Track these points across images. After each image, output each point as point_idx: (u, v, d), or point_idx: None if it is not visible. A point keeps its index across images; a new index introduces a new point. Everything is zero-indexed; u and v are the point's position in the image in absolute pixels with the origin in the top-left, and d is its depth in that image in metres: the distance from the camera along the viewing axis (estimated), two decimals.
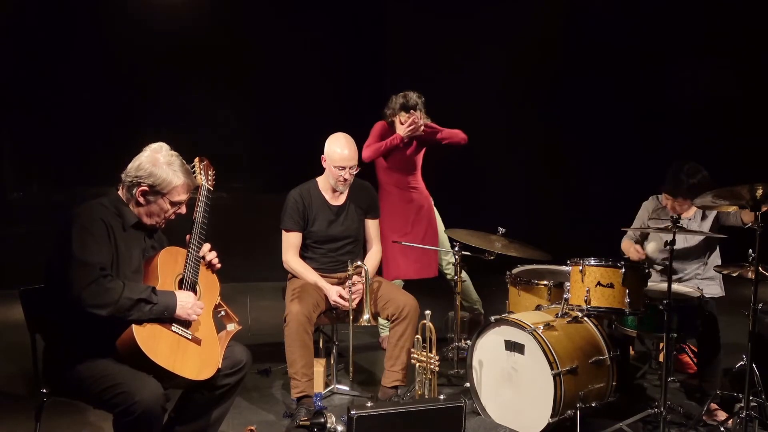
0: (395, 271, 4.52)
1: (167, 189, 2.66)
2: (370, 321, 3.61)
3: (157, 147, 2.71)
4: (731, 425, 3.34)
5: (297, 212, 3.75)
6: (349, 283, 3.62)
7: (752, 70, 7.30)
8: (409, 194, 4.55)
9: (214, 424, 2.84)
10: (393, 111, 4.43)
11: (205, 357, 2.64)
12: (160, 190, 2.65)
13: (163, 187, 2.65)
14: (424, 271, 4.59)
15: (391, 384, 3.67)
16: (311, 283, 3.70)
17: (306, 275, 3.72)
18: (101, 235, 2.55)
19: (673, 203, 3.84)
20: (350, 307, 3.61)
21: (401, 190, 4.53)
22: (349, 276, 3.63)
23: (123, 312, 2.46)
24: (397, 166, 4.50)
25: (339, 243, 3.82)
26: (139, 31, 6.57)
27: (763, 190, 2.95)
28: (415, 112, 4.36)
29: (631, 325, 3.58)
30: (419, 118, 4.35)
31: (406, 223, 4.52)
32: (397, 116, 4.41)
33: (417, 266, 4.55)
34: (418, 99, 4.40)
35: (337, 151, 3.70)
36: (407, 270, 4.54)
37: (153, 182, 2.63)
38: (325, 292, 3.67)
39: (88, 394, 2.51)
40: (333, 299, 3.65)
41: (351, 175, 3.73)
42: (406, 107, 4.37)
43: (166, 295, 2.59)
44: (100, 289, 2.44)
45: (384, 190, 4.55)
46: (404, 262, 4.53)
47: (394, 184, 4.53)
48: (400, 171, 4.51)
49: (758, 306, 3.13)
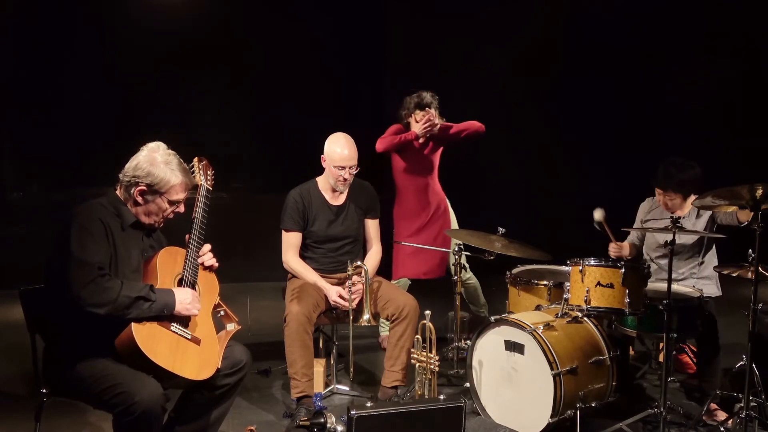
0: (403, 270, 4.53)
1: (165, 188, 2.66)
2: (370, 321, 3.61)
3: (154, 146, 2.71)
4: (731, 425, 3.34)
5: (297, 212, 3.75)
6: (349, 283, 3.62)
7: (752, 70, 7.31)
8: (426, 196, 4.56)
9: (214, 424, 2.84)
10: (408, 111, 4.46)
11: (205, 357, 2.64)
12: (158, 189, 2.65)
13: (161, 186, 2.65)
14: (434, 272, 4.60)
15: (391, 384, 3.67)
16: (311, 283, 3.70)
17: (306, 275, 3.72)
18: (100, 234, 2.55)
19: (664, 197, 3.86)
20: (350, 308, 3.61)
21: (418, 192, 4.54)
22: (349, 276, 3.63)
23: (122, 310, 2.46)
24: (415, 168, 4.51)
25: (339, 243, 3.82)
26: (140, 31, 6.57)
27: (763, 190, 2.95)
28: (430, 109, 4.37)
29: (631, 325, 3.58)
30: (434, 116, 4.37)
31: (420, 224, 4.54)
32: (412, 115, 4.44)
33: (427, 266, 4.56)
34: (432, 98, 4.44)
35: (337, 151, 3.70)
36: (416, 269, 4.55)
37: (151, 181, 2.64)
38: (324, 292, 3.67)
39: (88, 394, 2.51)
40: (333, 299, 3.65)
41: (351, 174, 3.73)
42: (421, 105, 4.40)
43: (164, 292, 2.59)
44: (98, 288, 2.45)
45: (401, 193, 4.57)
46: (413, 262, 4.54)
47: (412, 186, 4.54)
48: (417, 173, 4.52)
49: (758, 306, 3.13)
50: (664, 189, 3.83)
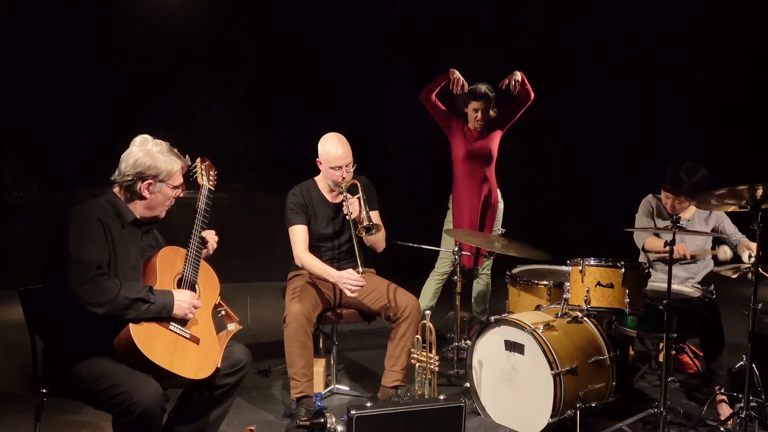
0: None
1: (170, 176, 2.71)
2: (371, 219, 3.57)
3: (143, 140, 2.72)
4: (731, 425, 3.34)
5: (299, 207, 3.75)
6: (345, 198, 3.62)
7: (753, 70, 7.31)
8: (481, 187, 4.60)
9: (214, 424, 2.84)
10: (464, 103, 4.55)
11: (204, 356, 2.64)
12: (163, 178, 2.69)
13: (166, 175, 2.69)
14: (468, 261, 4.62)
15: (392, 384, 3.66)
16: (311, 284, 3.69)
17: (317, 269, 3.64)
18: (98, 233, 2.55)
19: (674, 201, 3.86)
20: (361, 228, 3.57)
21: (475, 181, 4.58)
22: (344, 196, 3.64)
23: (120, 311, 2.47)
24: (475, 156, 4.55)
25: (339, 240, 3.82)
26: (140, 32, 6.58)
27: (763, 190, 2.95)
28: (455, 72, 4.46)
29: (631, 325, 3.58)
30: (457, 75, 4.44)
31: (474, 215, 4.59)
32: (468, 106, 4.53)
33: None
34: (488, 90, 4.55)
35: (332, 151, 3.69)
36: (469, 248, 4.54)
37: (156, 173, 2.67)
38: (334, 280, 3.59)
39: (88, 394, 2.51)
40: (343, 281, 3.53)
41: (349, 173, 3.72)
42: (475, 95, 4.50)
43: (163, 294, 2.59)
44: (96, 288, 2.45)
45: (458, 183, 4.61)
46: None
47: (468, 175, 4.57)
48: (476, 161, 4.56)
49: (758, 306, 3.13)
50: (676, 194, 3.84)
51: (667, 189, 3.87)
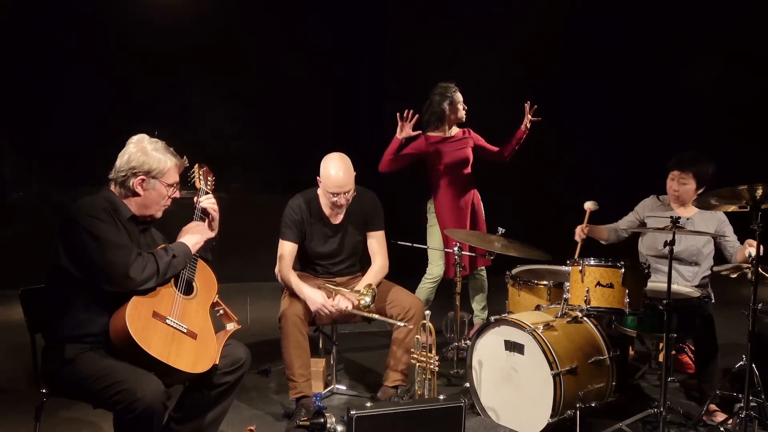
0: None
1: (162, 173, 2.73)
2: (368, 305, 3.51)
3: (139, 138, 2.77)
4: (731, 425, 3.34)
5: (294, 223, 3.69)
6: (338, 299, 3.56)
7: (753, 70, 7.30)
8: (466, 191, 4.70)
9: (214, 423, 2.84)
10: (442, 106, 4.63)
11: (201, 350, 2.64)
12: (155, 175, 2.72)
13: (158, 172, 2.72)
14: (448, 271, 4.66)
15: (393, 383, 3.67)
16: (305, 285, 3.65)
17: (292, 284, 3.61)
18: (111, 222, 2.62)
19: (678, 180, 3.91)
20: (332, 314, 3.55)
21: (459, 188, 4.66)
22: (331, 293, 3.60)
23: (164, 276, 2.62)
24: (457, 162, 4.62)
25: (335, 259, 3.81)
26: (140, 32, 6.58)
27: (763, 190, 2.95)
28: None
29: (631, 325, 3.58)
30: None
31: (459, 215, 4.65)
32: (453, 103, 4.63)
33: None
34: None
35: (332, 175, 3.54)
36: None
37: (148, 169, 2.70)
38: (306, 301, 3.55)
39: (89, 393, 2.50)
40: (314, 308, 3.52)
41: (347, 200, 3.63)
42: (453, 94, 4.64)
43: (178, 246, 2.74)
44: (141, 264, 2.55)
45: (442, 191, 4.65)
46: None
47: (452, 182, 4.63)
48: (458, 168, 4.63)
49: (758, 306, 3.13)
50: (682, 169, 3.92)
51: (674, 166, 3.97)
